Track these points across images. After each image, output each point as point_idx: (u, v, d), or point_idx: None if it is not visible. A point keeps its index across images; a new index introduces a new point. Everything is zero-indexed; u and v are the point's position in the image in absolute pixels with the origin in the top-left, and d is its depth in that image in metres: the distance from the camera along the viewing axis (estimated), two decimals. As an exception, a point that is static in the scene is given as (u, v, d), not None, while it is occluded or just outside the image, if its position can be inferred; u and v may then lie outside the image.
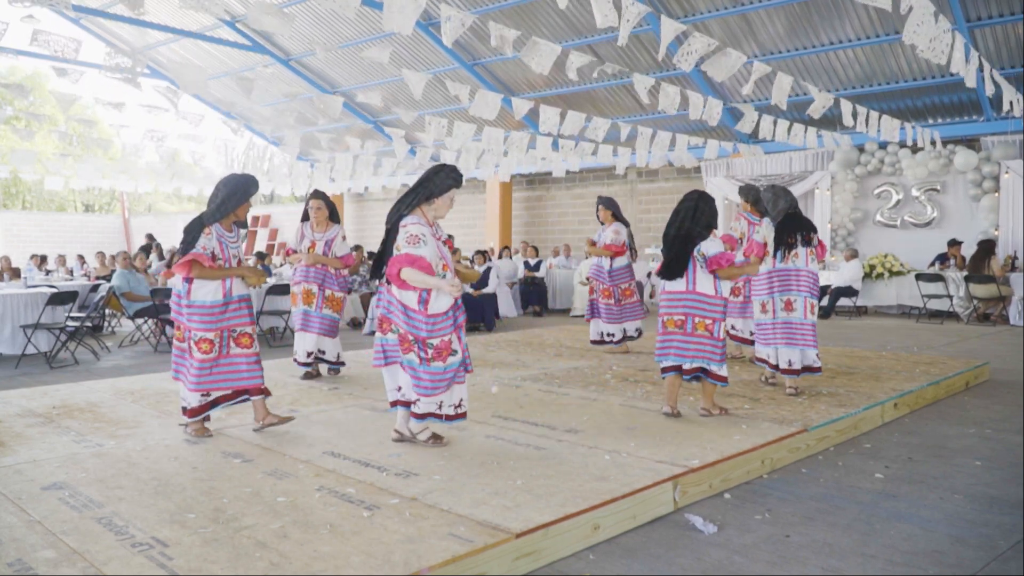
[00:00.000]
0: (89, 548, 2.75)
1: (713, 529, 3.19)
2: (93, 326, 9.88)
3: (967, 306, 11.36)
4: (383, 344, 4.13)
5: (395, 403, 4.21)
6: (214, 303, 4.32)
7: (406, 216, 4.04)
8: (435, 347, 3.96)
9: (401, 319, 3.98)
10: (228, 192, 4.34)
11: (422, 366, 3.96)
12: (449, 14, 5.79)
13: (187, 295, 4.33)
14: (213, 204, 4.34)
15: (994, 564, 2.90)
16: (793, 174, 14.06)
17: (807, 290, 5.50)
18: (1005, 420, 5.17)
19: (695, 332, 4.72)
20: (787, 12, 11.41)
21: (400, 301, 3.98)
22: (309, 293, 6.14)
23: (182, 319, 4.37)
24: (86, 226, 27.03)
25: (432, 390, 3.97)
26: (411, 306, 3.96)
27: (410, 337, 3.97)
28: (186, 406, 4.39)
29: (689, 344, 4.72)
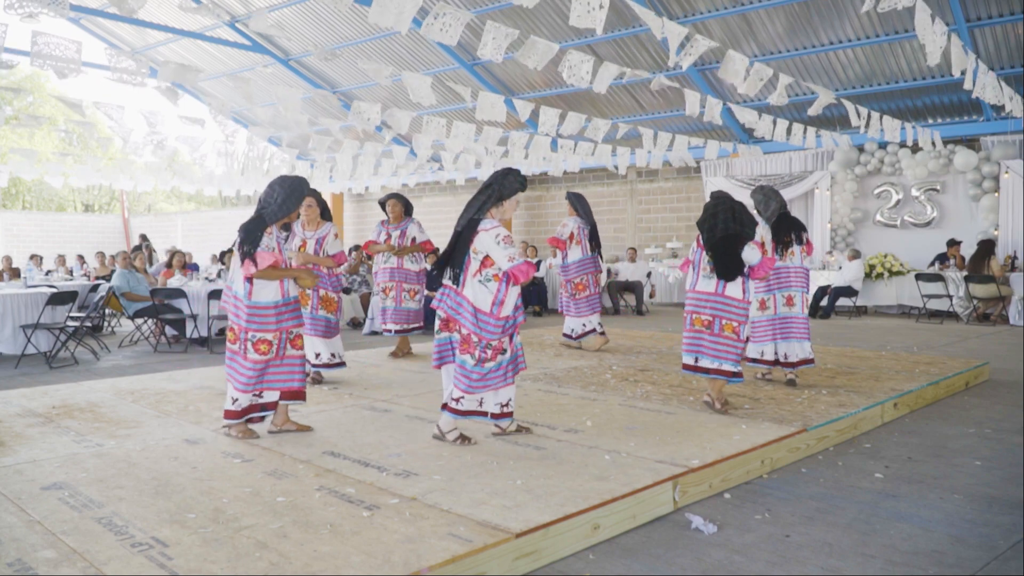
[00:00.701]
0: (89, 548, 2.75)
1: (713, 529, 3.20)
2: (93, 326, 9.88)
3: (967, 306, 11.36)
4: (449, 342, 4.17)
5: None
6: (276, 303, 4.27)
7: (483, 220, 4.10)
8: (493, 348, 4.05)
9: (469, 321, 4.04)
10: (287, 193, 4.29)
11: (476, 366, 4.04)
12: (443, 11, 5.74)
13: (248, 296, 4.23)
14: (274, 204, 4.28)
15: (994, 564, 2.90)
16: (793, 174, 14.06)
17: (803, 285, 5.85)
18: (1005, 420, 5.17)
19: (722, 333, 4.87)
20: (787, 12, 11.42)
21: (472, 304, 4.05)
22: (302, 295, 5.90)
23: (240, 320, 4.24)
24: (86, 226, 27.03)
25: (479, 388, 4.05)
26: (483, 309, 4.04)
27: (474, 339, 4.04)
28: (231, 408, 4.29)
29: (716, 344, 4.88)
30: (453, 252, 4.14)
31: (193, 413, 4.98)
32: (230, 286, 4.33)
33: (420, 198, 20.08)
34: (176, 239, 25.34)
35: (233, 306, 4.29)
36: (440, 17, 5.73)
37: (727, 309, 4.87)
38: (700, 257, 5.02)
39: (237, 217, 24.68)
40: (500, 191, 4.12)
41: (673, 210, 15.92)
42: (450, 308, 4.13)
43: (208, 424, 4.66)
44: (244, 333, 4.22)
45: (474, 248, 4.07)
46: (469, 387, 4.05)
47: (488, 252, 4.05)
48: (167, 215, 28.70)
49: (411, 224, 7.27)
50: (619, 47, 13.09)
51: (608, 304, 13.45)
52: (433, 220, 20.05)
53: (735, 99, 13.52)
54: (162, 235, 26.34)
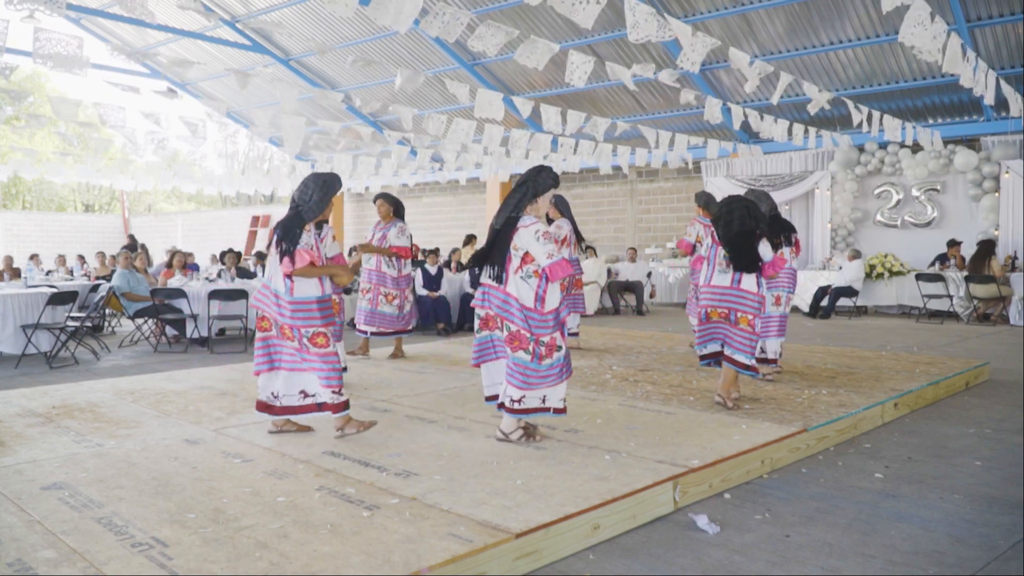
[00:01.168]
0: (89, 548, 2.75)
1: (716, 529, 3.20)
2: (93, 326, 9.88)
3: (967, 306, 11.36)
4: (489, 341, 4.23)
5: (492, 398, 4.35)
6: (319, 298, 4.25)
7: (521, 217, 4.14)
8: (546, 344, 4.08)
9: (518, 318, 4.08)
10: (323, 190, 4.28)
11: (533, 362, 4.06)
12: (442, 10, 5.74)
13: (290, 292, 4.20)
14: (311, 201, 4.25)
15: (994, 564, 2.90)
16: (793, 174, 14.06)
17: (790, 286, 6.14)
18: (1005, 420, 5.17)
19: (737, 325, 5.05)
20: (787, 12, 11.42)
21: (517, 299, 4.09)
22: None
23: (284, 318, 4.20)
24: (86, 226, 27.05)
25: (539, 385, 4.08)
26: (528, 304, 4.08)
27: (526, 335, 4.07)
28: (270, 402, 4.29)
29: (731, 335, 5.07)
30: (492, 250, 4.17)
31: (193, 413, 4.98)
32: (267, 284, 4.28)
33: (420, 198, 20.08)
34: (176, 239, 25.35)
35: (275, 304, 4.23)
36: (440, 16, 5.73)
37: (742, 302, 5.02)
38: (715, 253, 5.18)
39: (237, 217, 24.70)
40: (535, 188, 4.17)
41: (673, 210, 15.92)
42: (497, 307, 4.15)
43: (208, 424, 4.66)
44: (296, 331, 4.18)
45: (514, 245, 4.11)
46: (527, 383, 4.07)
47: (528, 248, 4.09)
48: (167, 215, 28.71)
49: (393, 227, 7.20)
50: (619, 47, 13.08)
51: (608, 304, 13.45)
52: (433, 220, 20.06)
53: (736, 99, 13.52)
54: (162, 235, 26.35)
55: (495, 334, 4.20)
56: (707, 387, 5.73)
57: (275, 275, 4.24)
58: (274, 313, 4.24)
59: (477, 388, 5.73)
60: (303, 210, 4.26)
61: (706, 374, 6.31)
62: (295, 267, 4.14)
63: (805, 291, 12.80)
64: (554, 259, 4.05)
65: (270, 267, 4.30)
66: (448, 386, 5.85)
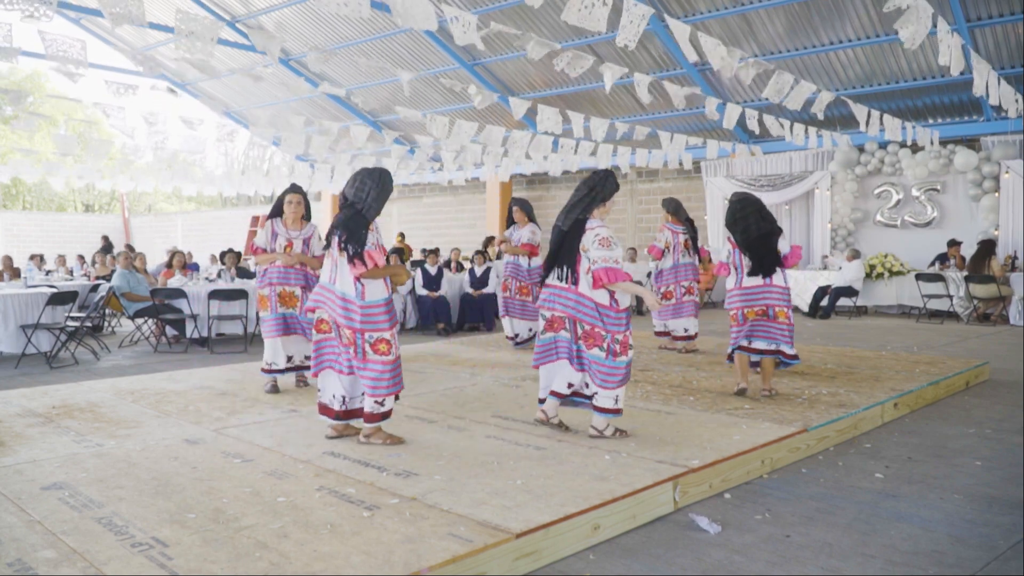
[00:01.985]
0: (89, 548, 2.75)
1: (718, 529, 3.20)
2: (93, 326, 9.88)
3: (967, 306, 11.36)
4: (552, 343, 4.33)
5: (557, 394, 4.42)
6: (387, 300, 4.10)
7: (589, 219, 4.27)
8: (620, 341, 4.17)
9: (592, 317, 4.18)
10: (380, 186, 4.12)
11: (608, 359, 4.15)
12: (456, 15, 5.77)
13: (362, 296, 4.03)
14: (370, 199, 4.10)
15: (994, 564, 2.90)
16: (793, 174, 14.06)
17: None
18: (1005, 420, 5.17)
19: (776, 319, 5.32)
20: (787, 12, 11.41)
21: (591, 299, 4.19)
22: (291, 296, 5.66)
23: (353, 323, 4.03)
24: (86, 226, 27.04)
25: (614, 384, 4.17)
26: (603, 303, 4.18)
27: (602, 333, 4.16)
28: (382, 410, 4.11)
29: (774, 330, 5.33)
30: (560, 251, 4.29)
31: (193, 413, 4.98)
32: (329, 287, 4.11)
33: (420, 198, 20.08)
34: (176, 239, 25.35)
35: (341, 308, 4.05)
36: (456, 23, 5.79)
37: (778, 296, 5.32)
38: (738, 256, 5.43)
39: (237, 217, 24.70)
40: (603, 193, 4.29)
41: (673, 210, 15.91)
42: (570, 307, 4.23)
43: (208, 424, 4.66)
44: (359, 336, 4.03)
45: (583, 246, 4.22)
46: (608, 382, 4.18)
47: (587, 251, 4.23)
48: (167, 215, 28.71)
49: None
50: (619, 47, 13.08)
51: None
52: (433, 220, 20.05)
53: (736, 99, 13.52)
54: (162, 235, 26.35)
55: (560, 335, 4.30)
56: (707, 387, 5.73)
57: (341, 278, 4.07)
58: (339, 317, 4.07)
59: (477, 388, 5.74)
60: (363, 209, 4.10)
61: (706, 374, 6.31)
62: (368, 268, 4.00)
63: (805, 291, 12.80)
64: (598, 265, 4.12)
65: (330, 270, 4.14)
66: (448, 386, 5.85)
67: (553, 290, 4.31)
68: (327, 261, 4.22)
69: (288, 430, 4.50)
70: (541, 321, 4.39)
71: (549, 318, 4.33)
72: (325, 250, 4.27)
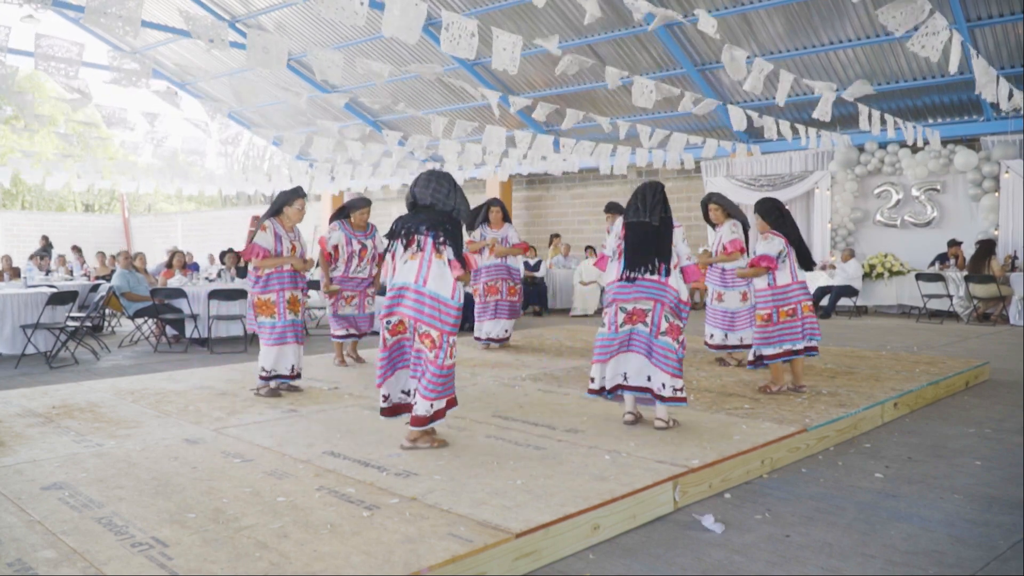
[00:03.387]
0: (89, 548, 2.75)
1: (722, 528, 3.21)
2: (93, 326, 9.88)
3: (967, 306, 11.36)
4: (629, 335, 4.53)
5: (606, 390, 4.63)
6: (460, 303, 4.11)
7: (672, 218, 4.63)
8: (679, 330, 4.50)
9: (676, 307, 4.50)
10: (461, 193, 4.19)
11: (680, 351, 4.45)
12: (451, 20, 5.75)
13: (453, 297, 4.05)
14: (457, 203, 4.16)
15: (994, 564, 2.90)
16: (793, 174, 14.06)
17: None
18: (1005, 420, 5.17)
19: (805, 315, 5.49)
20: (787, 12, 11.41)
21: (676, 291, 4.51)
22: (297, 301, 5.54)
23: (447, 326, 4.01)
24: (86, 226, 27.03)
25: (680, 372, 4.45)
26: (683, 298, 4.55)
27: (677, 323, 4.48)
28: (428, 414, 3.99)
29: (808, 326, 5.50)
30: (658, 246, 4.52)
31: (193, 413, 4.98)
32: (418, 289, 4.03)
33: (420, 198, 20.07)
34: (176, 239, 25.35)
35: (433, 309, 4.01)
36: (452, 28, 5.73)
37: (804, 293, 5.57)
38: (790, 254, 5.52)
39: (237, 217, 24.70)
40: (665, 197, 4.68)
41: (673, 210, 15.87)
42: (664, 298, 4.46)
43: (208, 424, 4.66)
44: (446, 338, 4.00)
45: (673, 243, 4.55)
46: (679, 371, 4.43)
47: (677, 247, 4.58)
48: (167, 215, 28.70)
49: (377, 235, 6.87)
50: (619, 47, 13.08)
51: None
52: (433, 220, 19.99)
53: (735, 99, 13.52)
54: (162, 235, 26.35)
55: (637, 328, 4.52)
56: (707, 387, 5.74)
57: (433, 279, 4.03)
58: (425, 318, 4.00)
59: (477, 388, 5.74)
60: (453, 212, 4.14)
61: (706, 374, 6.31)
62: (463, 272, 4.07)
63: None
64: (692, 260, 4.64)
65: (425, 272, 4.04)
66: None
67: (643, 283, 4.48)
68: (411, 264, 4.08)
69: (288, 430, 4.50)
70: (620, 314, 4.53)
71: (630, 311, 4.52)
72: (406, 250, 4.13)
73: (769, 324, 5.45)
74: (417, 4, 5.33)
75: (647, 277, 4.48)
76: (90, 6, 4.87)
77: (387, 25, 5.33)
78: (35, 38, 6.09)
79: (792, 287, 5.46)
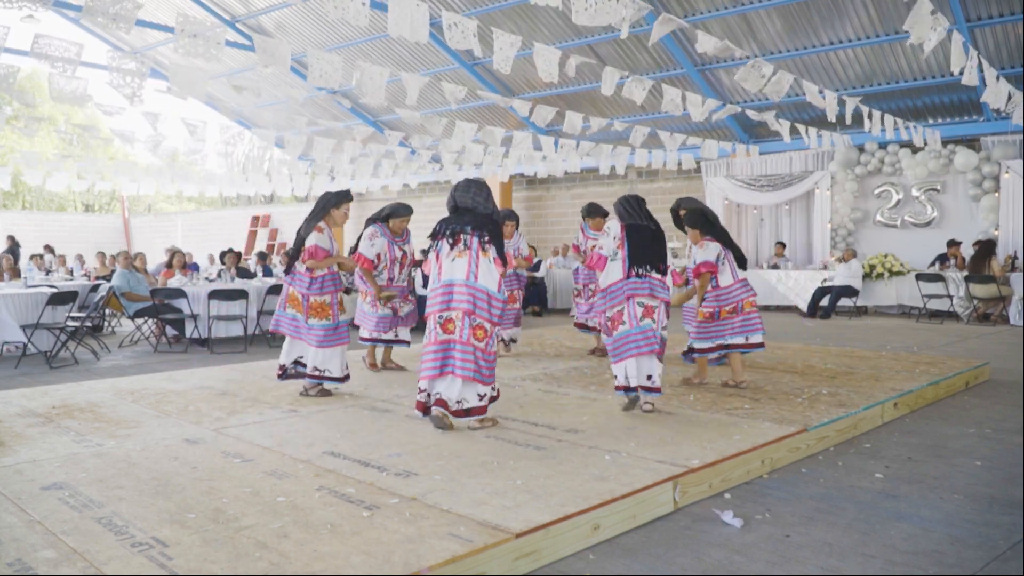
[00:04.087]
0: (89, 548, 2.75)
1: (741, 523, 3.23)
2: (93, 326, 9.88)
3: (967, 306, 11.36)
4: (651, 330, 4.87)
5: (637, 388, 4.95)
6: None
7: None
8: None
9: (665, 296, 4.97)
10: (493, 198, 4.62)
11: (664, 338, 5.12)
12: (453, 20, 5.76)
13: (500, 291, 4.52)
14: (492, 209, 4.59)
15: (994, 564, 2.90)
16: (793, 174, 14.07)
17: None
18: (1005, 420, 5.17)
19: (747, 311, 5.68)
20: (787, 12, 11.41)
21: (668, 288, 5.03)
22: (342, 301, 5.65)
23: (495, 317, 4.47)
24: (86, 226, 27.03)
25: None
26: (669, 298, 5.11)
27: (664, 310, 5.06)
28: (485, 404, 4.49)
29: (749, 322, 5.68)
30: (661, 249, 4.97)
31: (193, 413, 4.98)
32: (469, 284, 4.41)
33: (420, 198, 20.08)
34: (176, 239, 25.35)
35: (487, 303, 4.42)
36: (454, 28, 5.76)
37: (747, 291, 5.80)
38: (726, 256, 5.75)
39: (237, 217, 24.71)
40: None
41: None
42: (659, 292, 4.90)
43: (208, 424, 4.66)
44: (494, 329, 4.47)
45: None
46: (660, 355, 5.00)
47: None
48: (167, 215, 28.70)
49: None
50: (619, 47, 13.08)
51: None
52: (432, 220, 19.93)
53: (735, 99, 13.52)
54: (162, 235, 26.34)
55: (650, 322, 4.84)
56: (707, 387, 5.73)
57: (483, 275, 4.43)
58: (479, 311, 4.40)
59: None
60: (493, 215, 4.56)
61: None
62: (504, 268, 4.54)
63: (805, 291, 12.80)
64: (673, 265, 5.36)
65: (471, 267, 4.42)
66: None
67: (652, 280, 4.86)
68: (459, 262, 4.45)
69: (288, 430, 4.50)
70: (638, 309, 4.82)
71: (647, 306, 4.84)
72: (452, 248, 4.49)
73: (709, 321, 5.69)
74: (418, 4, 5.33)
75: (653, 275, 4.85)
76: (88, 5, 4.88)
77: (393, 25, 5.34)
78: (33, 38, 6.09)
79: (734, 287, 5.68)
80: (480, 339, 4.36)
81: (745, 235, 15.15)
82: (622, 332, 4.84)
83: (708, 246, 5.66)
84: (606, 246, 5.01)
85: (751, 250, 15.05)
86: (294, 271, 5.51)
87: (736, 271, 5.73)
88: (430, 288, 4.58)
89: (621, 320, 4.86)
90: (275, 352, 8.64)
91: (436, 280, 4.51)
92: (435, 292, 4.47)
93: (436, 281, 4.50)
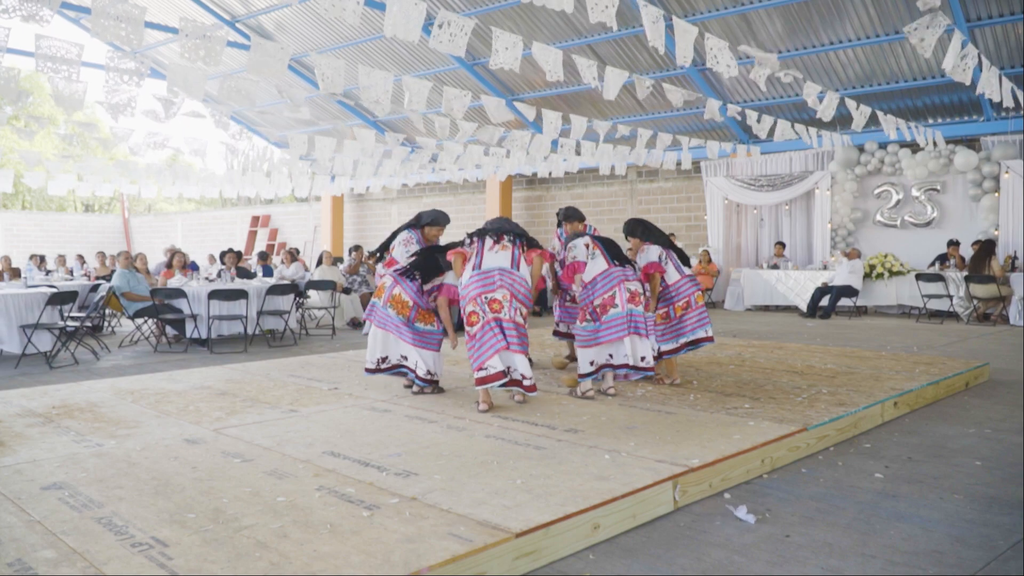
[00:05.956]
0: (89, 548, 2.75)
1: (754, 519, 3.26)
2: (93, 326, 9.87)
3: (967, 306, 11.36)
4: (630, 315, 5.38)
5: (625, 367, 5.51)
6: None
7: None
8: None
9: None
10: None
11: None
12: (445, 19, 5.75)
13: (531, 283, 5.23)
14: (519, 228, 5.30)
15: (994, 564, 2.90)
16: (793, 174, 14.07)
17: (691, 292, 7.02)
18: (1005, 420, 5.17)
19: (698, 305, 5.94)
20: (787, 12, 11.41)
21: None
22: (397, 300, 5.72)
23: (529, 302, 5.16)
24: (86, 226, 27.05)
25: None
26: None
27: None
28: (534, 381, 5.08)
29: (702, 317, 5.94)
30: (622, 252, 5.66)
31: (193, 413, 4.98)
32: (513, 272, 5.04)
33: (420, 198, 20.09)
34: (176, 239, 25.36)
35: (527, 291, 5.09)
36: (445, 27, 5.73)
37: (694, 287, 6.08)
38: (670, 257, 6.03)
39: (237, 217, 24.72)
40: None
41: (673, 210, 15.92)
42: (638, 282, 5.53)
43: (208, 424, 4.66)
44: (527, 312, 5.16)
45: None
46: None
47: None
48: (167, 215, 28.70)
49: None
50: (619, 47, 13.09)
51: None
52: (433, 220, 20.01)
53: (735, 99, 13.52)
54: (162, 235, 26.36)
55: (633, 309, 5.33)
56: (707, 387, 5.74)
57: (524, 269, 5.12)
58: (519, 295, 5.02)
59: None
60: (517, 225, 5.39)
61: (706, 374, 6.31)
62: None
63: (804, 291, 12.80)
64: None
65: (514, 258, 5.09)
66: (448, 385, 5.85)
67: (630, 271, 5.47)
68: (502, 253, 5.09)
69: (288, 430, 4.50)
70: (625, 293, 5.30)
71: (633, 292, 5.35)
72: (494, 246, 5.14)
73: (668, 321, 5.91)
74: (416, 4, 5.34)
75: (628, 268, 5.48)
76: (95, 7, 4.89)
77: (388, 25, 5.37)
78: (35, 39, 6.09)
79: (681, 282, 5.94)
80: (523, 318, 5.02)
81: (745, 235, 15.16)
82: (612, 315, 5.31)
83: (648, 249, 5.96)
84: (579, 254, 5.60)
85: (751, 250, 15.05)
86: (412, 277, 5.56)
87: (681, 267, 6.00)
88: (467, 276, 5.05)
89: (613, 303, 5.33)
90: (275, 352, 8.65)
91: (476, 268, 5.04)
92: (476, 276, 4.99)
93: (476, 269, 5.03)
